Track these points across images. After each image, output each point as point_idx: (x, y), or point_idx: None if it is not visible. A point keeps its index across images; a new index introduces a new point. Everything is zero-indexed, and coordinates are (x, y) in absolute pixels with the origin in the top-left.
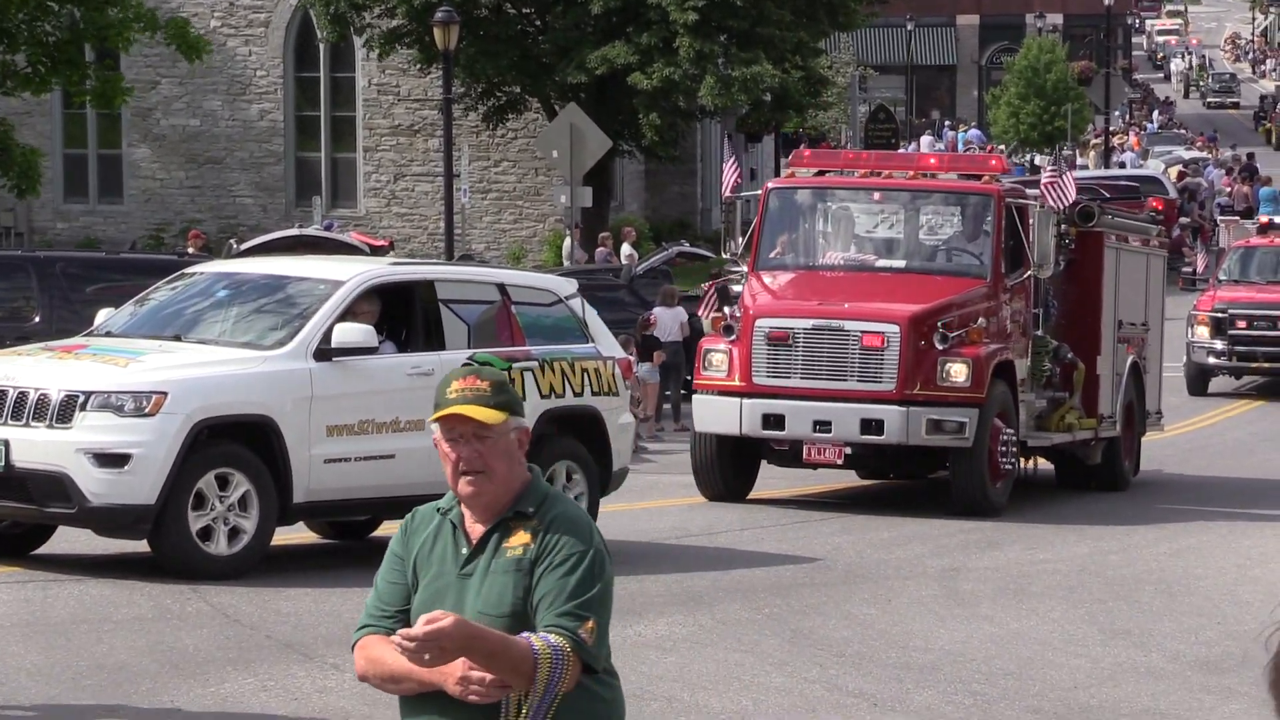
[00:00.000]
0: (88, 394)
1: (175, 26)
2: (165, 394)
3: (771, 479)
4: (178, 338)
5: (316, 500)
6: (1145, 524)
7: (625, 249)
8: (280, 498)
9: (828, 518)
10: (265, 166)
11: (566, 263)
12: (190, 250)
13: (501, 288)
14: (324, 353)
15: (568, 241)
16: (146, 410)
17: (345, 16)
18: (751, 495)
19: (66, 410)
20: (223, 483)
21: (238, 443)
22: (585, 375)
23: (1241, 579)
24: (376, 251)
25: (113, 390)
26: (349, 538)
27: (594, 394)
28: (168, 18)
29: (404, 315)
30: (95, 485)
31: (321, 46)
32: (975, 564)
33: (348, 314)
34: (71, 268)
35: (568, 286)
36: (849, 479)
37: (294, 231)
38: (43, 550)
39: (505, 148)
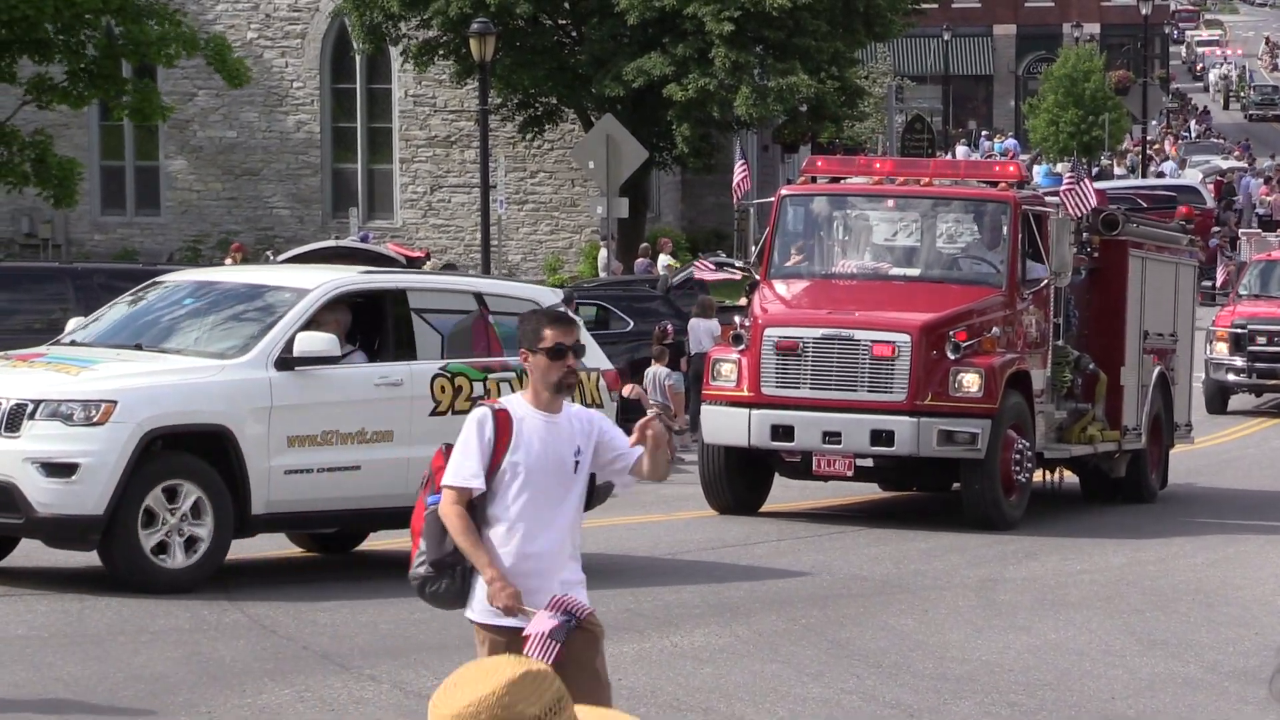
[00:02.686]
0: (36, 402)
1: (215, 47)
2: (115, 403)
3: (801, 491)
4: (139, 346)
5: (277, 512)
6: (1182, 535)
7: (663, 260)
8: (238, 509)
9: (863, 529)
10: (302, 178)
11: (603, 274)
12: (228, 262)
13: (479, 297)
14: (286, 362)
15: (603, 252)
16: (95, 419)
17: (381, 28)
18: (776, 508)
19: (15, 419)
20: (173, 494)
21: (193, 453)
22: None
23: None
24: (412, 263)
25: (61, 399)
26: (333, 551)
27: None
28: (205, 35)
29: (376, 325)
30: (43, 495)
31: (358, 58)
32: (1012, 575)
33: (314, 323)
34: (109, 280)
35: (552, 297)
36: (875, 491)
37: (330, 243)
38: (80, 562)
39: (541, 159)
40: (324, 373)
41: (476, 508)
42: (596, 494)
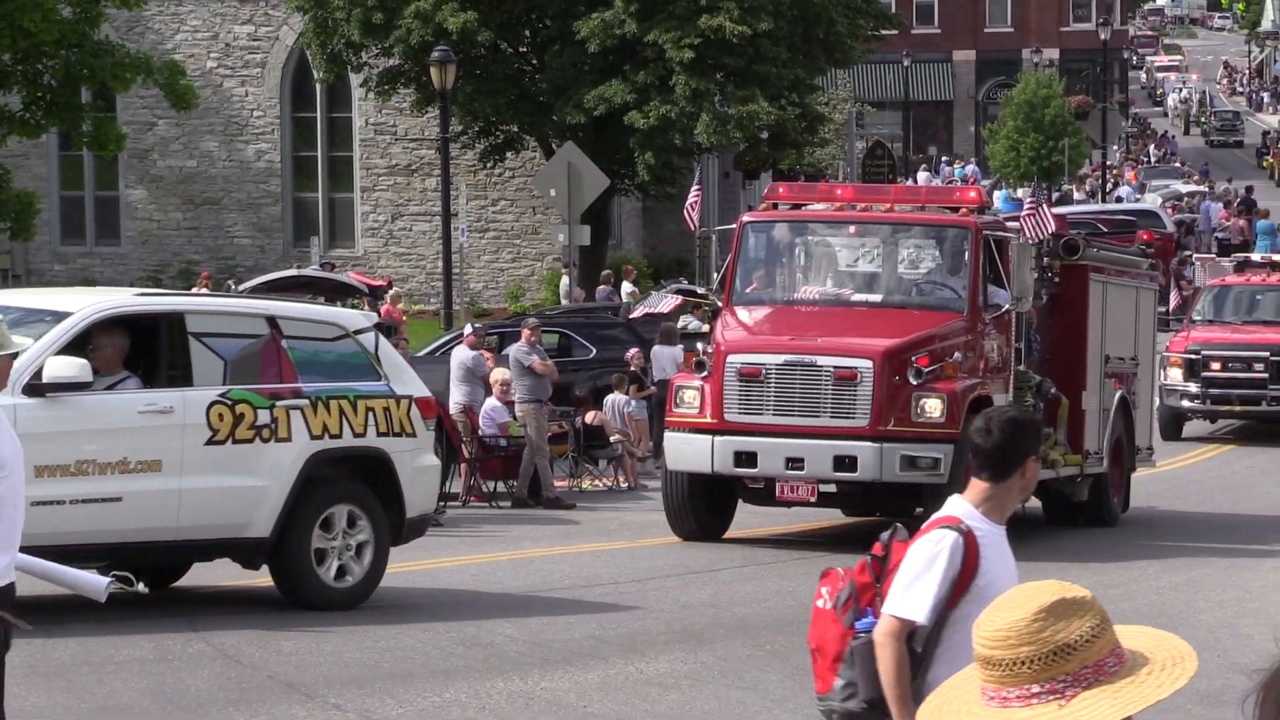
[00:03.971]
0: None
1: (168, 73)
2: None
3: (765, 517)
4: None
5: (24, 546)
6: (1144, 558)
7: (626, 287)
8: None
9: (827, 555)
10: (262, 207)
11: (565, 301)
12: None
13: (272, 321)
14: (35, 388)
15: (565, 280)
16: None
17: (341, 56)
18: (740, 534)
19: None
20: None
21: None
22: (370, 414)
23: (1241, 612)
24: (374, 291)
25: None
26: (150, 588)
27: (380, 434)
28: (163, 61)
29: (153, 349)
30: None
31: (318, 87)
32: None
33: (89, 348)
34: None
35: (359, 321)
36: (838, 516)
37: (293, 272)
38: (44, 592)
39: (503, 187)
40: (81, 400)
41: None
42: (408, 527)
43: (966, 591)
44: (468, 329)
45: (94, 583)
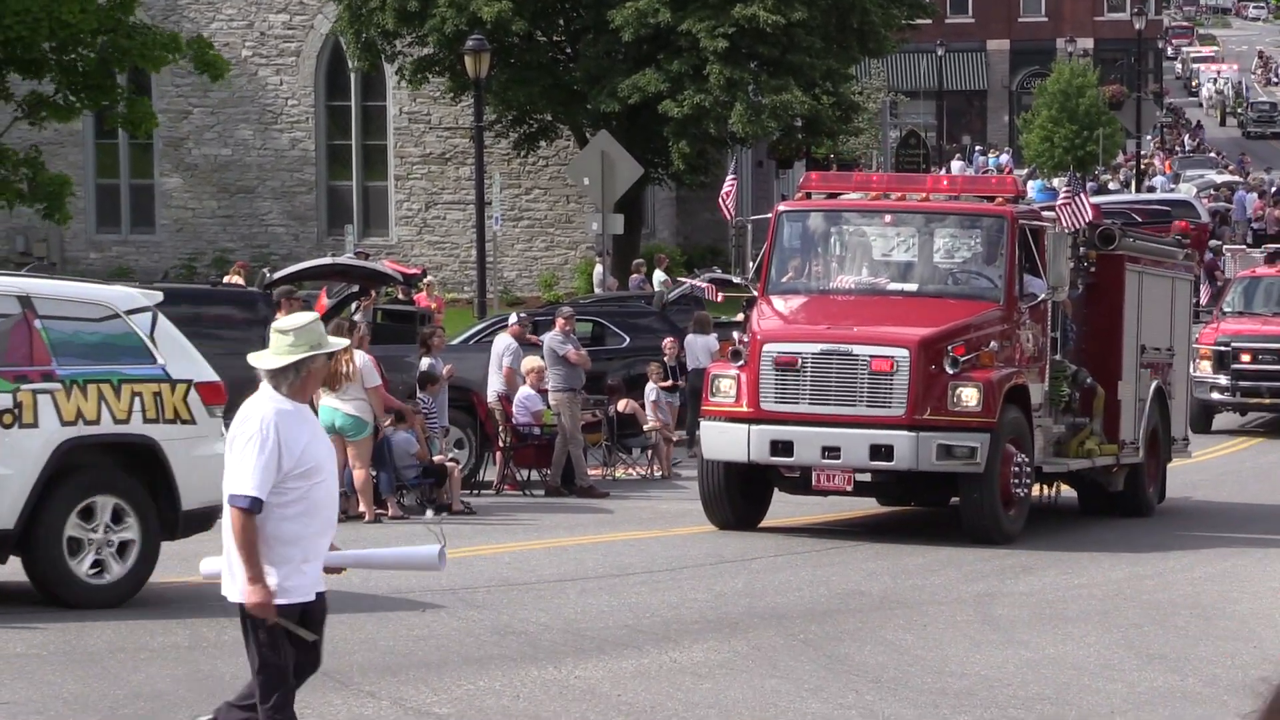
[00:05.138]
0: None
1: (196, 46)
2: None
3: (799, 506)
4: None
5: None
6: (1180, 549)
7: (659, 276)
8: None
9: (861, 544)
10: (297, 195)
11: (598, 290)
12: (238, 280)
13: (25, 300)
14: None
15: (598, 268)
16: None
17: (376, 45)
18: (774, 523)
19: None
20: None
21: None
22: (137, 399)
23: (1277, 603)
24: (408, 280)
25: None
26: None
27: (148, 420)
28: (191, 37)
29: None
30: None
31: (352, 75)
32: (1010, 589)
33: None
34: None
35: (134, 300)
36: (873, 506)
37: (328, 260)
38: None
39: (537, 175)
40: None
41: None
42: (183, 520)
43: None
44: (513, 318)
45: (425, 556)
